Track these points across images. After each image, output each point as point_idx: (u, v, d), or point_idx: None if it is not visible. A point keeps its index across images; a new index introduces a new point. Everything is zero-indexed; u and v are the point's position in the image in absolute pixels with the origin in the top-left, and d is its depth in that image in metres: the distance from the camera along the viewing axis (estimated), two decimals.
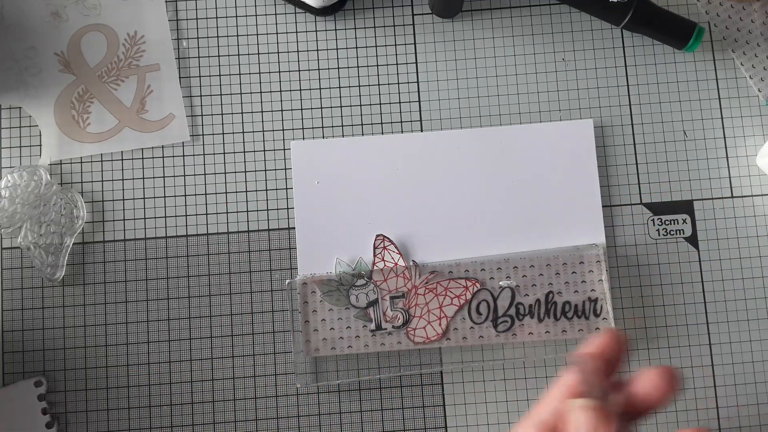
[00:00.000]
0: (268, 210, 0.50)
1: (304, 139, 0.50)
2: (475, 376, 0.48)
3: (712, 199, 0.50)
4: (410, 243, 0.49)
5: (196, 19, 0.52)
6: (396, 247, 0.48)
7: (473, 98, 0.51)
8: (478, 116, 0.51)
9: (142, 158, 0.50)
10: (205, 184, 0.50)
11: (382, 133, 0.50)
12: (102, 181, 0.50)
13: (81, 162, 0.50)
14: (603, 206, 0.50)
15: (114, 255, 0.49)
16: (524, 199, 0.49)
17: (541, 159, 0.50)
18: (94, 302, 0.48)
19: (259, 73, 0.51)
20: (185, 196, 0.50)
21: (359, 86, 0.51)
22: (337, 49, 0.51)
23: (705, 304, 0.49)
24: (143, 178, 0.50)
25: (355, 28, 0.52)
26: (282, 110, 0.51)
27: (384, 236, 0.49)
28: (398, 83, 0.51)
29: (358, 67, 0.51)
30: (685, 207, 0.50)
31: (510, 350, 0.48)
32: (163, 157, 0.50)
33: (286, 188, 0.50)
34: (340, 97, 0.51)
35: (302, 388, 0.48)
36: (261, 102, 0.51)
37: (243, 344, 0.48)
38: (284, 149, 0.50)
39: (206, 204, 0.50)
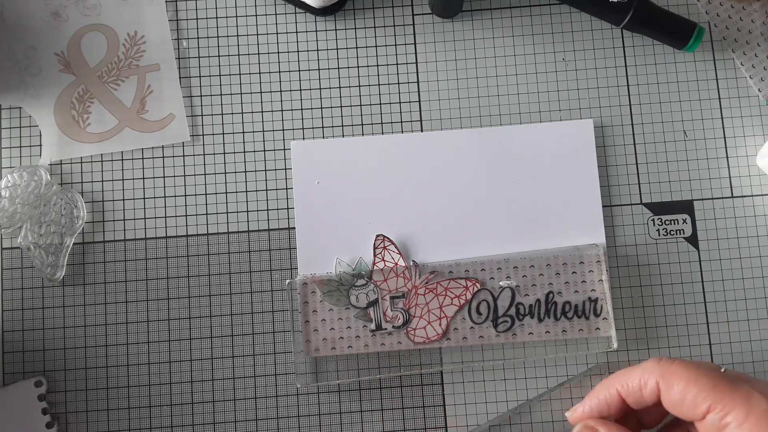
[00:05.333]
0: (268, 210, 0.50)
1: (304, 139, 0.50)
2: (475, 376, 0.48)
3: (712, 199, 0.50)
4: (410, 243, 0.49)
5: (196, 19, 0.52)
6: (396, 247, 0.48)
7: (473, 98, 0.51)
8: (478, 116, 0.51)
9: (142, 158, 0.50)
10: (205, 184, 0.50)
11: (382, 133, 0.50)
12: (102, 181, 0.50)
13: (81, 162, 0.50)
14: (603, 206, 0.50)
15: (114, 255, 0.49)
16: (524, 199, 0.49)
17: (541, 159, 0.50)
18: (94, 302, 0.48)
19: (259, 73, 0.51)
20: (185, 196, 0.50)
21: (359, 86, 0.51)
22: (337, 49, 0.51)
23: (705, 304, 0.49)
24: (143, 178, 0.50)
25: (355, 28, 0.52)
26: (282, 110, 0.51)
27: (384, 236, 0.49)
28: (398, 83, 0.51)
29: (358, 67, 0.51)
30: (685, 207, 0.50)
31: (510, 350, 0.48)
32: (163, 157, 0.50)
33: (286, 188, 0.50)
34: (340, 97, 0.51)
35: (302, 388, 0.48)
36: (261, 102, 0.51)
37: (243, 344, 0.48)
38: (284, 149, 0.50)
39: (206, 204, 0.50)
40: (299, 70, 0.51)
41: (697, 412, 0.37)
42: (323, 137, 0.50)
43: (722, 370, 0.39)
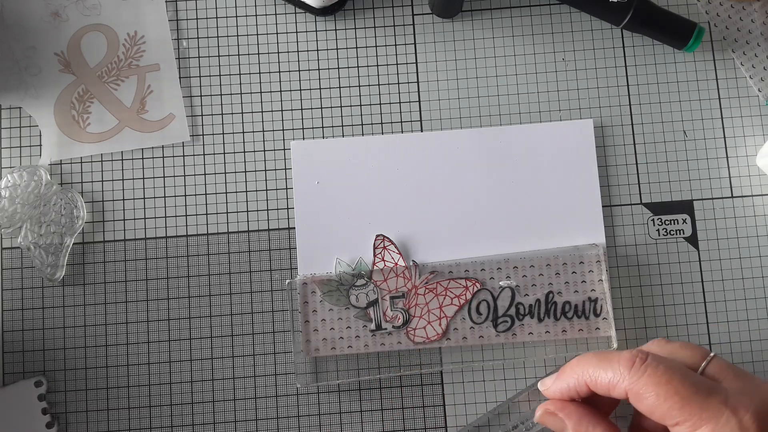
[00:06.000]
0: (268, 210, 0.50)
1: (304, 139, 0.50)
2: (475, 376, 0.48)
3: (712, 199, 0.50)
4: (410, 243, 0.49)
5: (196, 19, 0.52)
6: (396, 247, 0.48)
7: (473, 98, 0.51)
8: (478, 116, 0.51)
9: (142, 158, 0.50)
10: (205, 184, 0.50)
11: (382, 133, 0.50)
12: (102, 181, 0.50)
13: (81, 162, 0.50)
14: (603, 206, 0.50)
15: (114, 255, 0.49)
16: (524, 199, 0.49)
17: (541, 159, 0.50)
18: (94, 302, 0.48)
19: (259, 73, 0.51)
20: (185, 196, 0.50)
21: (359, 86, 0.51)
22: (337, 49, 0.51)
23: (705, 304, 0.49)
24: (143, 178, 0.50)
25: (355, 28, 0.52)
26: (282, 110, 0.51)
27: (384, 236, 0.49)
28: (398, 83, 0.51)
29: (358, 67, 0.51)
30: (685, 207, 0.50)
31: (510, 350, 0.48)
32: (163, 157, 0.50)
33: (286, 188, 0.50)
34: (340, 97, 0.51)
35: (302, 388, 0.48)
36: (261, 102, 0.51)
37: (243, 344, 0.48)
38: (284, 149, 0.50)
39: (206, 204, 0.50)
40: (299, 70, 0.51)
41: (666, 423, 0.37)
42: (323, 137, 0.50)
43: (711, 356, 0.39)
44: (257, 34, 0.52)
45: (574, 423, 0.40)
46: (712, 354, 0.39)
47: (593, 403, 0.42)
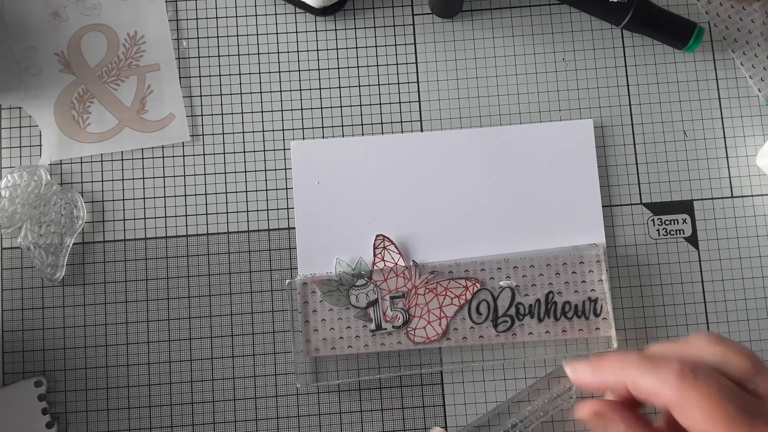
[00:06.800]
0: (268, 210, 0.50)
1: (304, 139, 0.50)
2: (475, 376, 0.48)
3: (712, 199, 0.50)
4: (410, 243, 0.49)
5: (196, 19, 0.52)
6: (396, 247, 0.48)
7: (473, 98, 0.51)
8: (478, 116, 0.51)
9: (142, 158, 0.50)
10: (205, 184, 0.50)
11: (382, 133, 0.50)
12: (102, 181, 0.50)
13: (81, 162, 0.50)
14: (603, 206, 0.50)
15: (114, 255, 0.49)
16: (524, 199, 0.49)
17: (541, 159, 0.50)
18: (94, 302, 0.48)
19: (259, 73, 0.51)
20: (185, 196, 0.50)
21: (359, 86, 0.51)
22: (337, 49, 0.51)
23: (705, 304, 0.49)
24: (143, 178, 0.50)
25: (355, 28, 0.52)
26: (282, 110, 0.51)
27: (384, 236, 0.49)
28: (398, 83, 0.51)
29: (358, 67, 0.51)
30: (685, 207, 0.50)
31: (510, 350, 0.48)
32: (163, 157, 0.50)
33: (286, 188, 0.50)
34: (340, 97, 0.51)
35: (302, 388, 0.48)
36: (261, 102, 0.51)
37: (243, 344, 0.48)
38: (284, 149, 0.50)
39: (206, 204, 0.50)
40: (299, 70, 0.51)
41: None
42: (323, 137, 0.50)
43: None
44: (257, 34, 0.52)
45: (624, 428, 0.38)
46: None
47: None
